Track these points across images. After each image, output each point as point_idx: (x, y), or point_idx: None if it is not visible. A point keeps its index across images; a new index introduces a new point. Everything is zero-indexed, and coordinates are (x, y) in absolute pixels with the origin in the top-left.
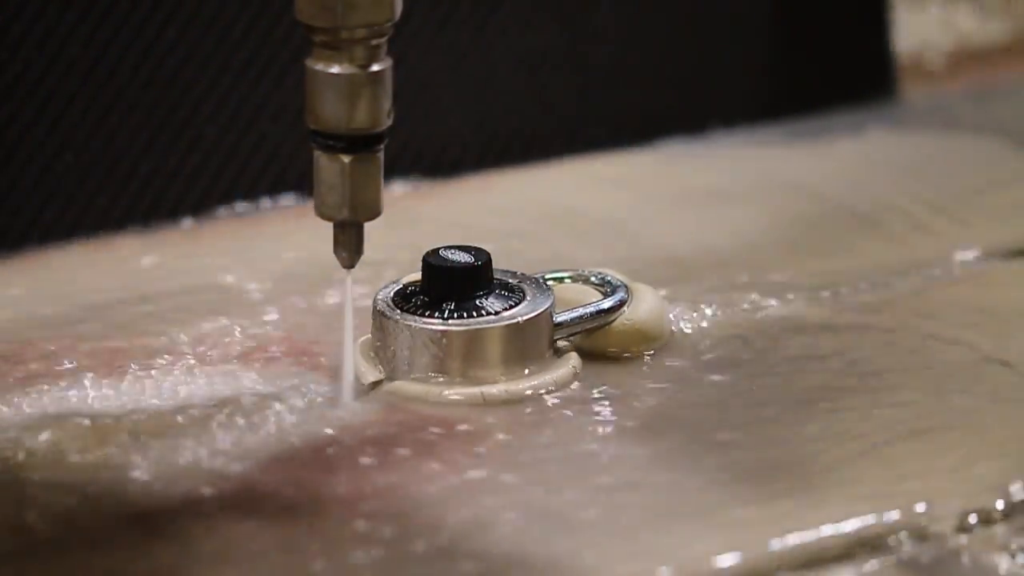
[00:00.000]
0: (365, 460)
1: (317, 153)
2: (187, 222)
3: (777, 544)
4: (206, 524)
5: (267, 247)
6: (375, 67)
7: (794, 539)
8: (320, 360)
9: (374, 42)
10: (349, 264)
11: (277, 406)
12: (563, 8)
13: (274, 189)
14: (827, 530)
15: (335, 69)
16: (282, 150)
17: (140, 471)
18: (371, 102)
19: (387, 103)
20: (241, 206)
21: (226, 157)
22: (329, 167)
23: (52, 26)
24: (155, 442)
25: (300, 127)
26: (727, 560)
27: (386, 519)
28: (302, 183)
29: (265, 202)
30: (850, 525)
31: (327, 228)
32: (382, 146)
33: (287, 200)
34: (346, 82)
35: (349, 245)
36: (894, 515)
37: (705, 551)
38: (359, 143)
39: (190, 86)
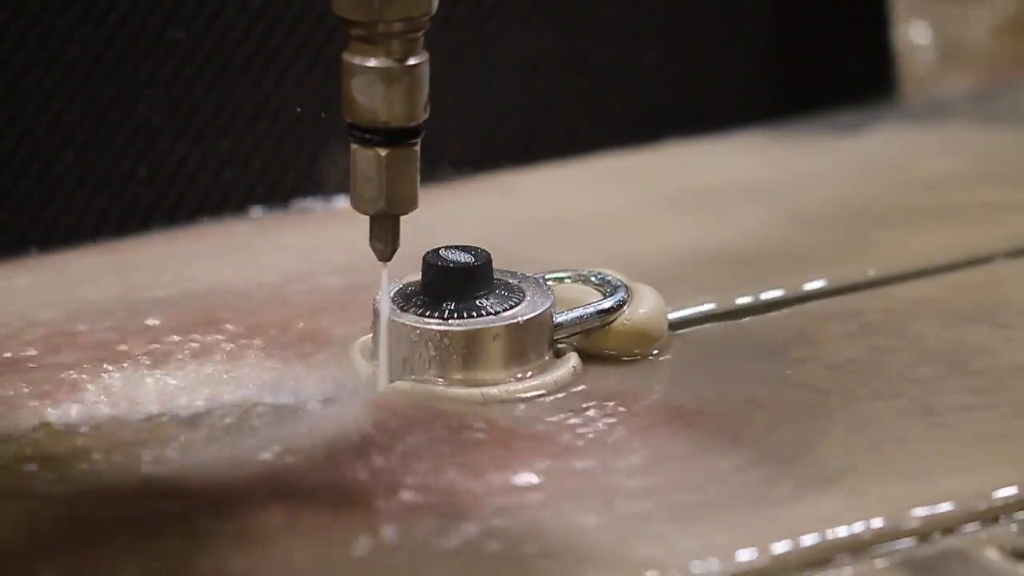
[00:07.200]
0: (366, 459)
1: (354, 146)
2: (188, 223)
3: (779, 544)
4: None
5: (271, 247)
6: (412, 60)
7: (795, 539)
8: (328, 359)
9: (411, 36)
10: (386, 257)
11: (289, 403)
12: (563, 9)
13: (276, 189)
14: (829, 530)
15: (372, 62)
16: (283, 151)
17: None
18: (408, 95)
19: (424, 97)
20: (242, 207)
21: (226, 158)
22: (365, 160)
23: (52, 26)
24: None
25: (301, 128)
26: (728, 559)
27: (392, 519)
28: (303, 183)
29: (266, 202)
30: (851, 525)
31: (333, 227)
32: (419, 139)
33: (289, 200)
34: (383, 75)
35: (385, 237)
36: (895, 514)
37: (705, 550)
38: (395, 136)
39: (190, 86)
